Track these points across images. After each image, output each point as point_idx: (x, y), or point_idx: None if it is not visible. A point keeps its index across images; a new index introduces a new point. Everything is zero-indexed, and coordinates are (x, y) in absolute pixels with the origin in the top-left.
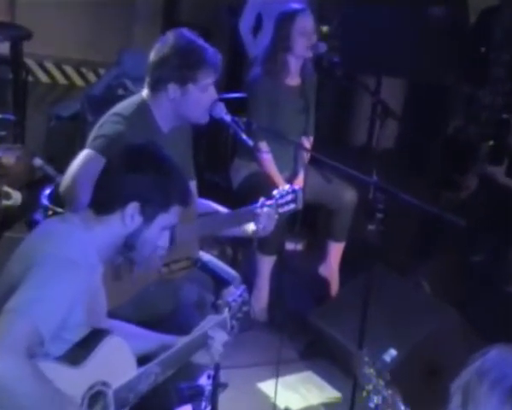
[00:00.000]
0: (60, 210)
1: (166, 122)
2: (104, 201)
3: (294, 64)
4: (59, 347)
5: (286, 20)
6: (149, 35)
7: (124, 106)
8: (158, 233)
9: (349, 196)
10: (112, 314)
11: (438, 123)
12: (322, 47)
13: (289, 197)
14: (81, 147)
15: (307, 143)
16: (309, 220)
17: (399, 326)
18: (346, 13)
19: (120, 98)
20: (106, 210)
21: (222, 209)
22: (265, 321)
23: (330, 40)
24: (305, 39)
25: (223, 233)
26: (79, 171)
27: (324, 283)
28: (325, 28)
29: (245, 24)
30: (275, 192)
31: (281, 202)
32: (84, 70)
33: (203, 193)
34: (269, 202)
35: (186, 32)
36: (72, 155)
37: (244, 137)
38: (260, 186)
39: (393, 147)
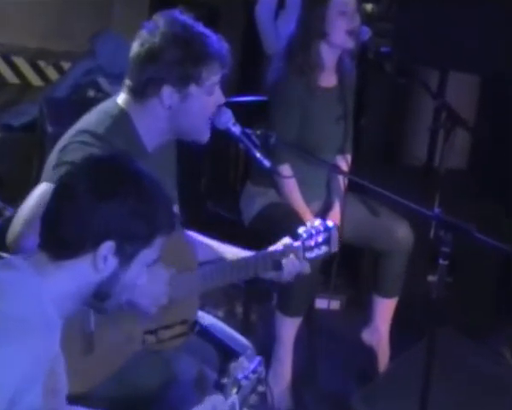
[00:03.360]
0: (4, 255)
1: (153, 138)
2: (65, 243)
3: (330, 57)
4: None
5: None
6: (132, 16)
7: (95, 119)
8: (139, 273)
9: (403, 235)
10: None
11: None
12: (366, 32)
13: (320, 237)
14: (39, 167)
15: (344, 163)
16: (348, 268)
17: None
18: None
19: (92, 102)
20: (68, 254)
21: (229, 251)
22: (289, 408)
23: (377, 23)
24: (344, 22)
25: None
26: (35, 213)
27: (370, 353)
28: (370, 6)
29: (263, 7)
30: (301, 230)
31: (309, 243)
32: (42, 64)
33: (204, 230)
34: (294, 245)
35: (179, 14)
36: (27, 177)
37: (258, 155)
38: (281, 222)
39: (463, 167)
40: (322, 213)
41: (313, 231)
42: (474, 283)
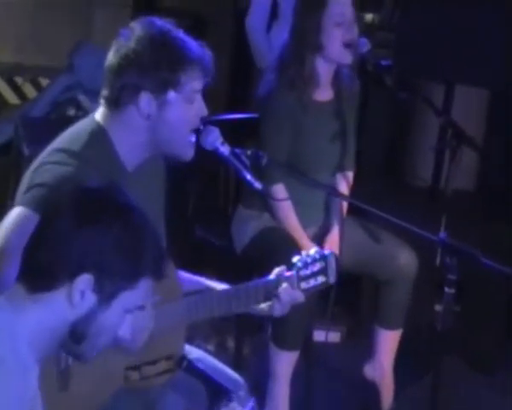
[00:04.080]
0: None
1: (133, 155)
2: (41, 272)
3: (326, 71)
4: None
5: (314, 5)
6: (114, 28)
7: (70, 136)
8: (120, 318)
9: (406, 262)
10: None
11: None
12: (364, 44)
13: (316, 267)
14: (15, 192)
15: (344, 183)
16: (348, 296)
17: None
18: None
19: (72, 121)
20: (44, 285)
21: (218, 285)
22: None
23: (377, 33)
24: (341, 33)
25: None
26: (8, 239)
27: (372, 390)
28: (370, 16)
29: (255, 17)
30: (295, 259)
31: (304, 273)
32: (18, 80)
33: (192, 258)
34: (287, 274)
35: (156, 19)
36: (2, 202)
37: (249, 177)
38: (276, 249)
39: (471, 189)
40: (320, 238)
41: (309, 260)
42: (482, 311)
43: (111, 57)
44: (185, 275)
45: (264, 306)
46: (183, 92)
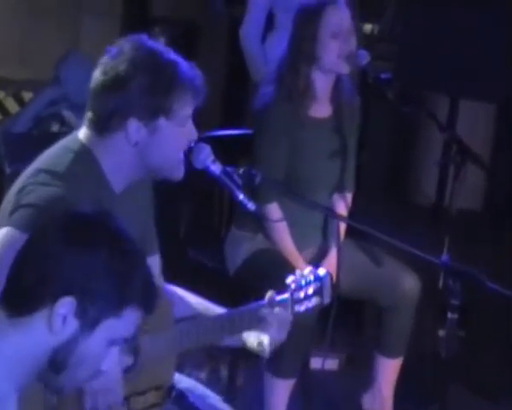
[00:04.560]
0: None
1: (120, 178)
2: (23, 294)
3: (323, 84)
4: None
5: (310, 15)
6: (103, 38)
7: (54, 156)
8: (102, 348)
9: (409, 287)
10: None
11: None
12: (363, 56)
13: (311, 288)
14: None
15: (343, 203)
16: (348, 322)
17: None
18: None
19: (56, 138)
20: (25, 308)
21: (210, 308)
22: None
23: (378, 44)
24: (337, 45)
25: (212, 344)
26: None
27: None
28: (369, 27)
29: (250, 27)
30: (289, 281)
31: (298, 296)
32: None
33: (184, 280)
34: (281, 297)
35: (146, 39)
36: None
37: (242, 197)
38: (270, 272)
39: (477, 208)
40: (317, 261)
41: (303, 282)
42: (487, 337)
43: (97, 77)
44: (178, 293)
45: (253, 340)
46: (174, 119)
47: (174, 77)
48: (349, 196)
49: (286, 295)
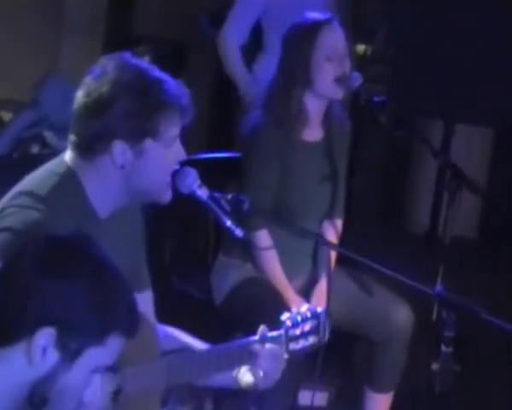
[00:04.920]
0: None
1: (106, 202)
2: (2, 323)
3: (316, 108)
4: None
5: (303, 36)
6: (84, 57)
7: (37, 179)
8: (85, 379)
9: (402, 319)
10: None
11: None
12: (356, 78)
13: (307, 326)
14: None
15: (333, 230)
16: (338, 354)
17: None
18: (398, 17)
19: (36, 160)
20: (2, 340)
21: (198, 344)
22: None
23: (371, 66)
24: (332, 68)
25: (199, 381)
26: None
27: None
28: (362, 48)
29: (233, 30)
30: (284, 317)
31: (293, 333)
32: None
33: (168, 311)
34: (274, 333)
35: (129, 57)
36: None
37: (229, 223)
38: (257, 303)
39: (472, 236)
40: (307, 290)
41: (299, 319)
42: (485, 371)
43: (80, 99)
44: (164, 330)
45: (243, 378)
46: (161, 140)
47: (160, 97)
48: (339, 223)
49: (280, 332)
